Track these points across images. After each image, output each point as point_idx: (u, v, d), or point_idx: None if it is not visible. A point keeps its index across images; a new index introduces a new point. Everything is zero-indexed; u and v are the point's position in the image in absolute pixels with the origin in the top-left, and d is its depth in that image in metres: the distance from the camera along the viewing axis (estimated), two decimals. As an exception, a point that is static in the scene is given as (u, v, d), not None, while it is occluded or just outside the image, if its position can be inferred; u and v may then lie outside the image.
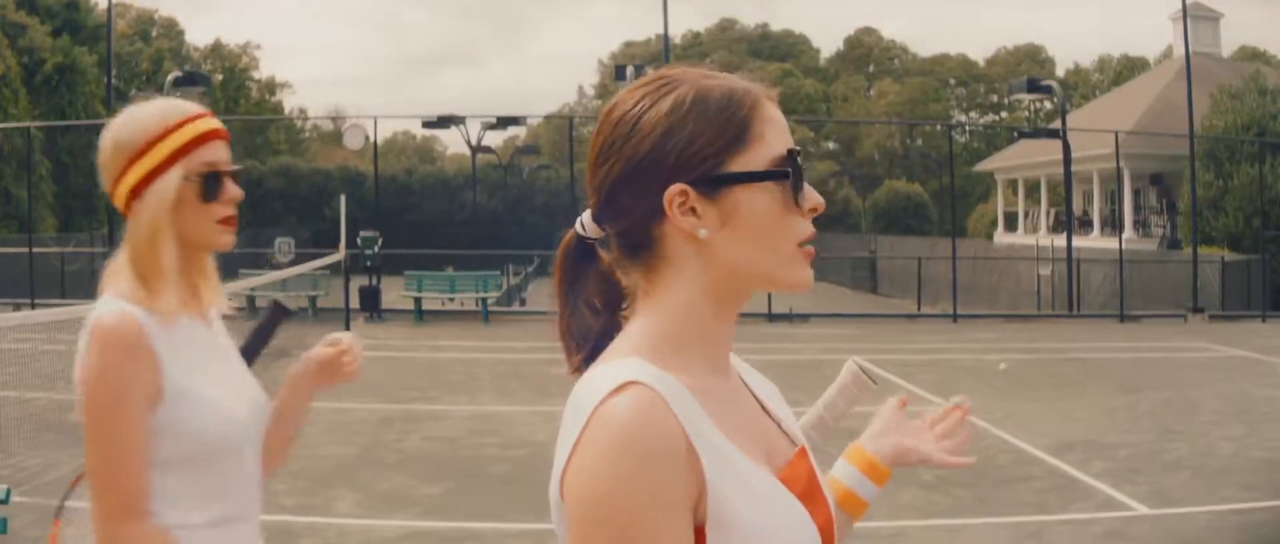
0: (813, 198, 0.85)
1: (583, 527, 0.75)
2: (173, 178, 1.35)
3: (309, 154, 34.07)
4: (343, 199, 12.68)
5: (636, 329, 0.85)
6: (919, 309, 16.96)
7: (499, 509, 5.24)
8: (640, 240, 0.85)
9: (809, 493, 0.86)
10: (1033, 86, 17.60)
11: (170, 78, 15.69)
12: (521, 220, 24.92)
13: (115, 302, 1.32)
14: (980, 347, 12.56)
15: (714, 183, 0.82)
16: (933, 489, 5.67)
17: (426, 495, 5.52)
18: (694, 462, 0.76)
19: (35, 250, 16.31)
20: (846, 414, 1.19)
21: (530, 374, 9.55)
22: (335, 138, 31.41)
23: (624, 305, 0.89)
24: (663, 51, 19.00)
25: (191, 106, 1.40)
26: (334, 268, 13.06)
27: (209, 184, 1.37)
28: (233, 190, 1.40)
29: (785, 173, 0.83)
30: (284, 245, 16.73)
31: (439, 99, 72.17)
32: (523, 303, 18.18)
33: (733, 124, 0.83)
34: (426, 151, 42.88)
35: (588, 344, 0.88)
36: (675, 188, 0.82)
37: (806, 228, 0.85)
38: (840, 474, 1.08)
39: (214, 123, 1.40)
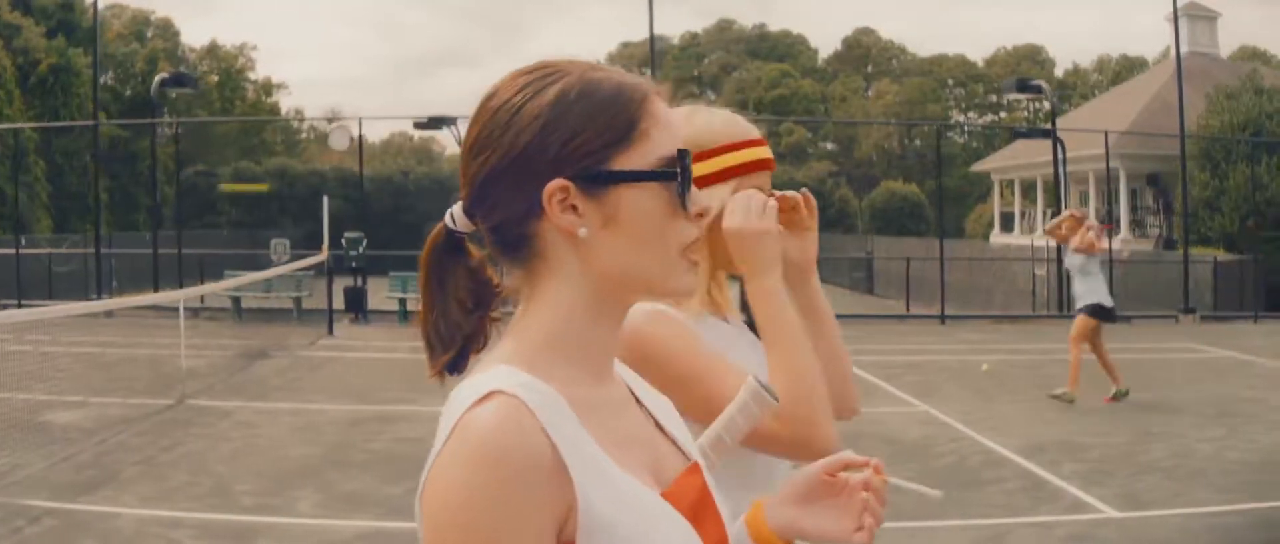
0: (700, 202, 0.82)
1: (434, 542, 0.72)
2: (725, 192, 1.31)
3: (305, 155, 34.10)
4: (325, 200, 12.68)
5: (514, 335, 0.81)
6: (908, 310, 16.90)
7: (459, 510, 5.21)
8: (515, 238, 0.81)
9: (698, 511, 0.82)
10: (1022, 86, 17.59)
11: (158, 78, 15.67)
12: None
13: (653, 305, 1.26)
14: (966, 348, 12.51)
15: (597, 180, 0.78)
16: (898, 490, 5.62)
17: (388, 496, 5.48)
18: (561, 476, 0.72)
19: (25, 251, 16.31)
20: (747, 432, 1.16)
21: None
22: (329, 139, 31.46)
23: (495, 304, 0.85)
24: (663, 50, 18.96)
25: (754, 128, 1.37)
26: (319, 268, 13.05)
27: None
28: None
29: (673, 174, 0.80)
30: (279, 246, 16.75)
31: (439, 100, 72.01)
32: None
33: (620, 120, 0.79)
34: (424, 152, 42.88)
35: (454, 344, 0.83)
36: (555, 184, 0.78)
37: (692, 232, 0.81)
38: (735, 537, 1.02)
39: (769, 153, 1.37)
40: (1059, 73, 42.35)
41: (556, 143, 0.78)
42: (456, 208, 0.84)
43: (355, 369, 10.33)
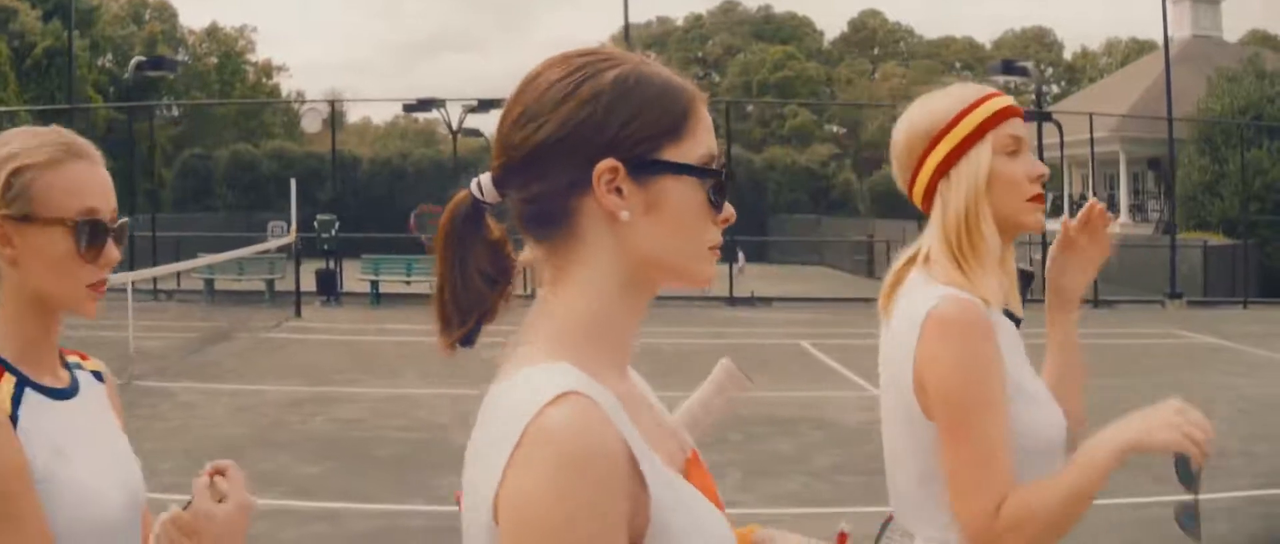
0: (727, 210, 0.83)
1: None
2: (983, 151, 1.29)
3: (304, 138, 34.21)
4: (293, 183, 12.69)
5: (551, 324, 0.79)
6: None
7: (368, 490, 5.20)
8: (553, 211, 0.79)
9: (714, 501, 0.83)
10: (1008, 68, 17.38)
11: (134, 62, 15.65)
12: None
13: (946, 288, 1.25)
14: (942, 332, 12.35)
15: (647, 167, 0.79)
16: (819, 477, 5.56)
17: (303, 475, 5.48)
18: (636, 476, 0.73)
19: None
20: (722, 413, 1.14)
21: (460, 357, 9.33)
22: (330, 122, 31.50)
23: (511, 278, 0.83)
24: (667, 32, 18.80)
25: (986, 87, 1.36)
26: (289, 251, 13.04)
27: (1016, 158, 1.31)
28: (1038, 167, 1.32)
29: (719, 173, 0.81)
30: (277, 228, 16.78)
31: (441, 84, 72.04)
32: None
33: (673, 113, 0.81)
34: (428, 135, 42.88)
35: (471, 318, 0.81)
36: (607, 163, 0.78)
37: (717, 235, 0.83)
38: None
39: (1010, 99, 1.34)
40: (1067, 56, 41.80)
41: (615, 123, 0.78)
42: (485, 177, 0.82)
43: (312, 351, 10.33)
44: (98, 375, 1.26)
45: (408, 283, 14.46)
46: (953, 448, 1.22)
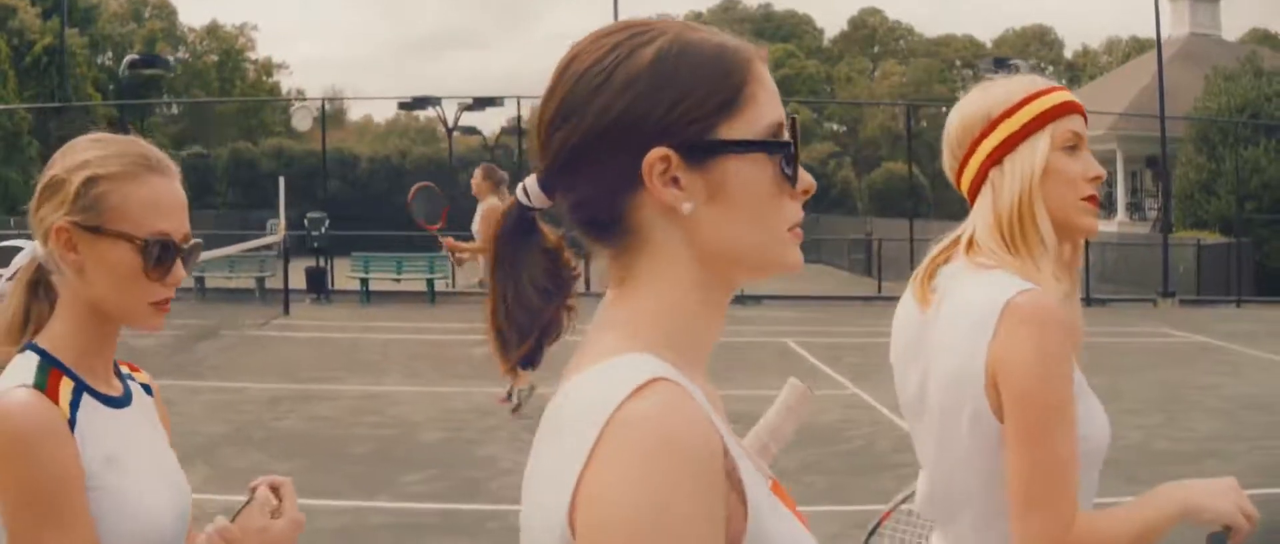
0: (806, 179, 0.75)
1: None
2: (1042, 141, 1.27)
3: (304, 136, 34.34)
4: (282, 180, 12.74)
5: (619, 326, 0.72)
6: (879, 291, 16.72)
7: (336, 486, 5.23)
8: (605, 215, 0.72)
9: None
10: (1000, 65, 17.45)
11: (126, 60, 15.72)
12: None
13: (1010, 277, 1.21)
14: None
15: (703, 150, 0.70)
16: (787, 476, 5.48)
17: (272, 471, 5.48)
18: (731, 475, 0.66)
19: (8, 232, 16.54)
20: (792, 437, 1.12)
21: (443, 355, 9.50)
22: (331, 120, 31.58)
23: (572, 290, 0.77)
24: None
25: (1051, 80, 1.34)
26: (278, 249, 13.10)
27: (1075, 155, 1.29)
28: (1096, 168, 1.29)
29: (786, 143, 0.72)
30: (273, 226, 16.83)
31: (444, 81, 72.21)
32: (483, 283, 18.20)
33: (726, 83, 0.72)
34: (430, 133, 42.92)
35: (531, 335, 0.74)
36: (656, 153, 0.70)
37: (797, 211, 0.75)
38: None
39: (1071, 95, 1.32)
40: (1068, 54, 41.73)
41: (660, 108, 0.70)
42: (530, 181, 0.75)
43: (297, 349, 10.36)
44: (147, 388, 1.25)
45: (398, 281, 14.53)
46: (1025, 454, 1.14)
